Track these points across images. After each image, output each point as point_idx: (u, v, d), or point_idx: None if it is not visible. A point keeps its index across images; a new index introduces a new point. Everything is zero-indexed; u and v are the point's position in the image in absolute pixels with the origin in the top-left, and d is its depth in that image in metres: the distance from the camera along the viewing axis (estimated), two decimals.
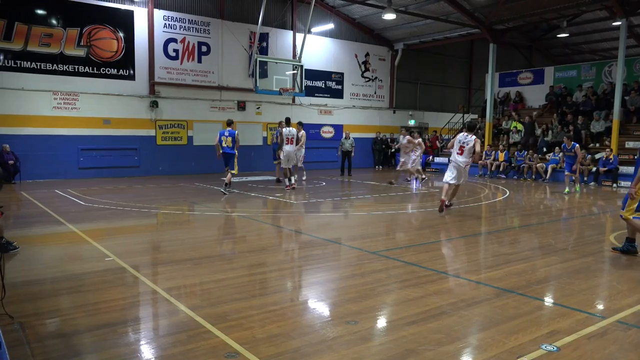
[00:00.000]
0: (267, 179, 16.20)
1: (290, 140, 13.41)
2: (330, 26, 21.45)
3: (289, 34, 20.71)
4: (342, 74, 22.65)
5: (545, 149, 18.21)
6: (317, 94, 21.86)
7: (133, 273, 5.43)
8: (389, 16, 17.84)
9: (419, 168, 15.55)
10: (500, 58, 20.98)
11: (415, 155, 15.20)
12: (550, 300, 4.76)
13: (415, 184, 15.26)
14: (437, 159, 21.39)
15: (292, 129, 13.58)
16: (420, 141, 15.38)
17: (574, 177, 13.85)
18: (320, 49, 21.67)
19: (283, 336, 3.71)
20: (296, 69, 17.04)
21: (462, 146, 9.67)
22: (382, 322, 4.13)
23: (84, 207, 10.27)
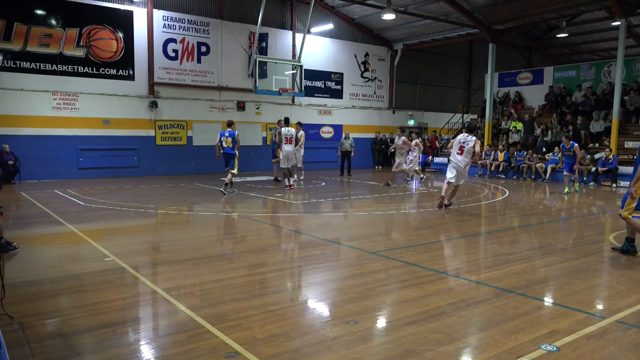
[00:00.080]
0: (266, 179, 16.23)
1: (289, 140, 13.39)
2: (330, 26, 21.47)
3: (289, 34, 20.72)
4: (341, 74, 22.65)
5: (544, 149, 18.22)
6: (316, 94, 21.86)
7: (133, 273, 5.44)
8: (389, 16, 17.85)
9: (417, 168, 15.47)
10: (499, 58, 21.00)
11: (413, 156, 15.14)
12: (549, 300, 4.76)
13: (415, 184, 15.26)
14: (437, 159, 21.40)
15: (290, 129, 13.56)
16: (417, 142, 15.29)
17: (573, 177, 13.86)
18: (320, 49, 21.68)
19: (283, 336, 3.71)
20: (295, 69, 17.04)
21: (462, 146, 9.77)
22: (382, 322, 4.13)
23: (83, 207, 10.27)
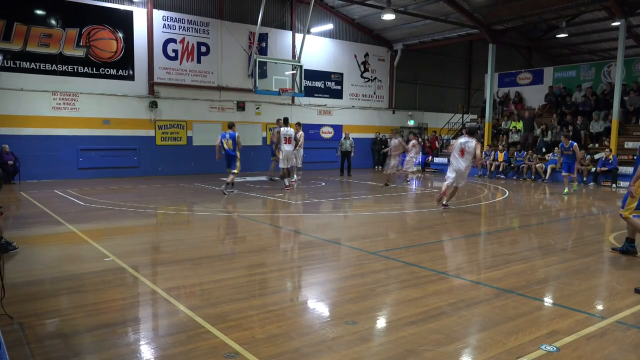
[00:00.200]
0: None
1: (288, 140, 13.36)
2: (330, 26, 21.47)
3: (288, 34, 20.72)
4: (341, 75, 22.65)
5: (544, 149, 18.22)
6: (316, 94, 21.86)
7: (133, 273, 5.43)
8: (388, 16, 17.85)
9: (412, 169, 15.53)
10: (499, 58, 21.00)
11: (410, 157, 15.24)
12: (549, 300, 4.76)
13: (414, 184, 15.25)
14: (437, 159, 21.40)
15: (289, 129, 13.53)
16: (415, 142, 15.32)
17: (572, 177, 13.84)
18: (320, 49, 21.67)
19: (283, 336, 3.71)
20: (295, 69, 17.03)
21: (463, 149, 9.91)
22: (382, 323, 4.13)
23: (83, 207, 10.26)
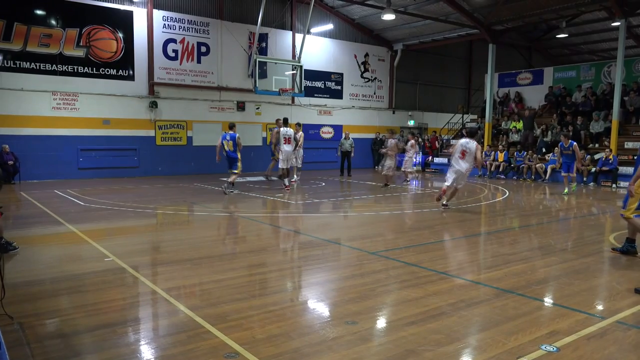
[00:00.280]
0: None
1: (288, 140, 13.35)
2: (330, 26, 21.47)
3: (289, 34, 20.72)
4: (341, 75, 22.66)
5: (544, 150, 18.21)
6: (316, 95, 21.86)
7: (133, 273, 5.43)
8: (388, 17, 17.85)
9: (409, 170, 15.65)
10: (499, 58, 21.00)
11: (408, 156, 15.44)
12: (549, 300, 4.76)
13: (414, 184, 15.25)
14: (437, 159, 21.40)
15: (289, 129, 13.52)
16: (413, 142, 15.55)
17: (571, 176, 13.81)
18: (320, 49, 21.68)
19: (283, 336, 3.71)
20: (295, 70, 17.03)
21: (464, 151, 9.99)
22: (382, 323, 4.13)
23: (83, 207, 10.26)
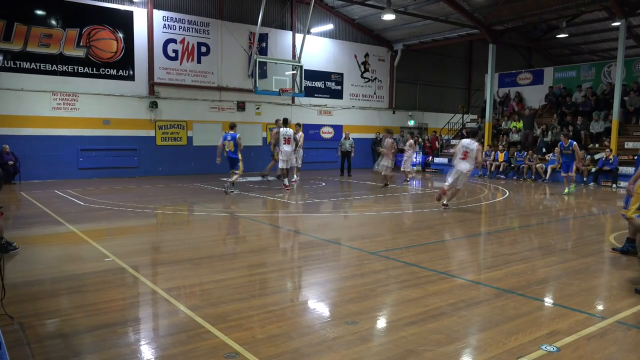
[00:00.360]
0: (269, 179, 16.16)
1: (288, 140, 13.34)
2: (330, 27, 21.47)
3: (289, 34, 20.72)
4: (341, 75, 22.66)
5: (544, 150, 18.21)
6: (316, 95, 21.86)
7: (133, 273, 5.43)
8: (389, 17, 17.84)
9: (408, 169, 15.73)
10: (499, 58, 21.00)
11: (407, 156, 15.61)
12: (550, 300, 4.76)
13: (414, 184, 15.26)
14: (437, 159, 21.40)
15: (289, 130, 13.51)
16: (411, 142, 15.78)
17: (570, 176, 13.77)
18: (320, 49, 21.68)
19: (283, 336, 3.71)
20: (296, 70, 17.03)
21: (466, 151, 10.05)
22: (382, 323, 4.13)
23: (83, 207, 10.26)
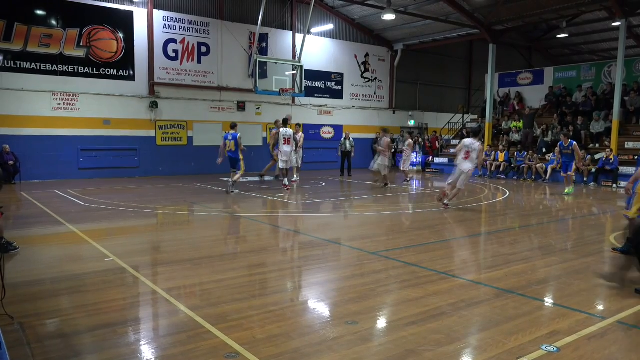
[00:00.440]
0: (266, 179, 16.17)
1: (287, 140, 13.34)
2: (330, 27, 21.48)
3: (289, 34, 20.72)
4: (341, 75, 22.66)
5: (545, 150, 18.21)
6: (316, 95, 21.86)
7: (133, 273, 5.43)
8: (389, 17, 17.84)
9: (406, 169, 15.84)
10: (499, 58, 20.99)
11: (406, 156, 15.85)
12: (550, 300, 4.76)
13: (414, 184, 15.26)
14: (437, 159, 21.40)
15: (288, 130, 13.51)
16: (410, 142, 16.02)
17: (570, 175, 13.75)
18: (320, 49, 21.68)
19: (283, 336, 3.71)
20: (296, 70, 17.03)
21: (468, 151, 10.13)
22: (382, 323, 4.13)
23: (83, 207, 10.26)
